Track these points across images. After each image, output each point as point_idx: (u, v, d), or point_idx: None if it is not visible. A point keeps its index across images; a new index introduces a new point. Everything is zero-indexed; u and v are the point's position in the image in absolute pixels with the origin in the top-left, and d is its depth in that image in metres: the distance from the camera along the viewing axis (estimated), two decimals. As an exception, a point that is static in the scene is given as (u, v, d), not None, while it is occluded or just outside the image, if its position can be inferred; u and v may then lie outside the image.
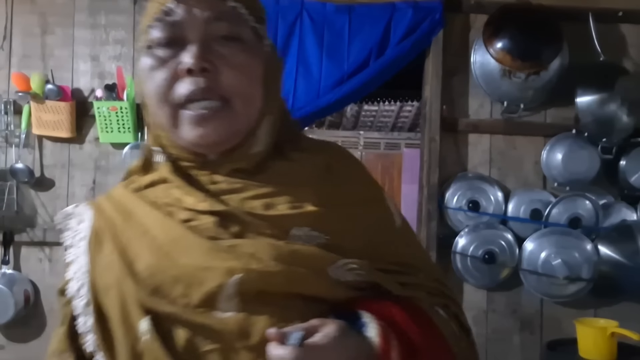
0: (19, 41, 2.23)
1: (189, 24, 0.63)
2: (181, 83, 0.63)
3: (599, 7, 2.16)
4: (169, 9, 0.63)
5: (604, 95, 2.09)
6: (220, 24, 0.64)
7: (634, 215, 2.15)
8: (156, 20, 0.64)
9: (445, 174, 2.19)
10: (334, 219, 0.67)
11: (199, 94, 0.63)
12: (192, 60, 0.62)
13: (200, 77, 0.62)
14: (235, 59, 0.64)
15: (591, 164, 2.12)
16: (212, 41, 0.64)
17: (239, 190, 0.67)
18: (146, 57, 0.66)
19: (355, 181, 0.74)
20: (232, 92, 0.64)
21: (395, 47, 2.10)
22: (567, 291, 2.11)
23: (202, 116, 0.63)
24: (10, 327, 2.17)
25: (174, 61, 0.64)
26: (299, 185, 0.68)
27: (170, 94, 0.64)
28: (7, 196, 2.16)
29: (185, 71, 0.63)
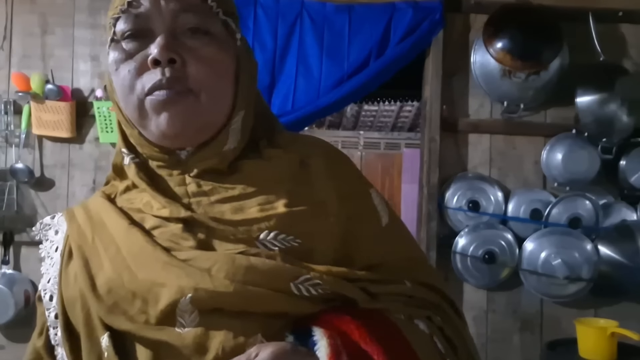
0: (19, 41, 2.23)
1: (155, 15, 0.61)
2: (147, 75, 0.62)
3: (599, 7, 2.16)
4: (134, 0, 0.62)
5: (604, 95, 2.09)
6: (188, 16, 0.62)
7: (634, 215, 2.15)
8: (121, 11, 0.63)
9: (445, 174, 2.19)
10: (305, 220, 0.64)
11: (165, 84, 0.61)
12: (158, 50, 0.60)
13: (167, 67, 0.60)
14: (203, 52, 0.62)
15: (591, 164, 2.12)
16: (180, 33, 0.62)
17: (208, 193, 0.64)
18: (112, 51, 0.65)
19: (333, 177, 0.69)
20: (200, 85, 0.62)
21: (395, 47, 2.10)
22: (567, 291, 2.11)
23: (167, 99, 0.61)
24: (10, 327, 2.17)
25: (140, 54, 0.62)
26: (272, 185, 0.65)
27: (136, 86, 0.62)
28: (7, 196, 2.16)
29: (151, 62, 0.61)
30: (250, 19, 2.11)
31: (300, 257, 0.61)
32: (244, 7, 2.11)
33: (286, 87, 2.09)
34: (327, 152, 0.73)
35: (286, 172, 0.67)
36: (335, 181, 0.69)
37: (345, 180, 0.70)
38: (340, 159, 0.74)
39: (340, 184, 0.69)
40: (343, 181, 0.70)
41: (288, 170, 0.67)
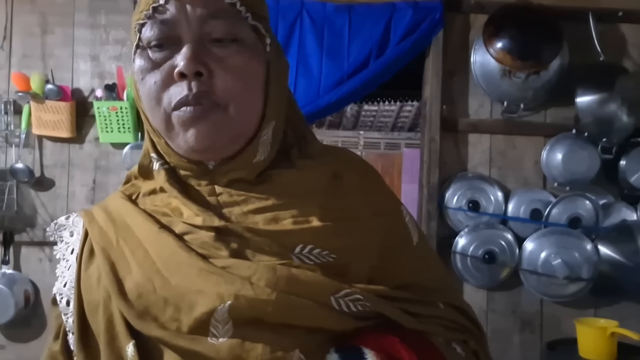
0: (19, 41, 2.23)
1: (181, 22, 0.58)
2: (174, 87, 0.58)
3: (599, 7, 2.16)
4: (159, 5, 0.58)
5: (604, 95, 2.09)
6: (216, 22, 0.58)
7: (634, 215, 2.15)
8: (146, 17, 0.59)
9: (445, 174, 2.19)
10: (341, 236, 0.62)
11: (191, 100, 0.58)
12: (184, 62, 0.57)
13: (194, 81, 0.57)
14: (232, 61, 0.59)
15: (591, 164, 2.12)
16: (208, 41, 0.59)
17: (240, 203, 0.62)
18: (138, 58, 0.61)
19: (367, 192, 0.67)
20: (228, 97, 0.59)
21: (395, 47, 2.10)
22: (567, 291, 2.11)
23: (194, 116, 0.58)
24: (10, 327, 2.17)
25: (167, 64, 0.59)
26: (304, 197, 0.63)
27: (163, 98, 0.59)
28: (7, 196, 2.16)
29: (177, 75, 0.58)
30: (250, 19, 2.11)
31: (336, 273, 0.59)
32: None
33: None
34: (360, 166, 0.71)
35: (319, 184, 0.65)
36: (370, 197, 0.67)
37: (379, 197, 0.69)
38: (374, 175, 0.72)
39: (374, 200, 0.67)
40: (377, 197, 0.68)
41: (321, 182, 0.65)
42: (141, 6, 0.60)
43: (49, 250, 2.22)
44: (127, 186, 0.72)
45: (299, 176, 0.65)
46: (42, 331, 2.20)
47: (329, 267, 0.59)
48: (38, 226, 2.22)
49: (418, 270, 0.67)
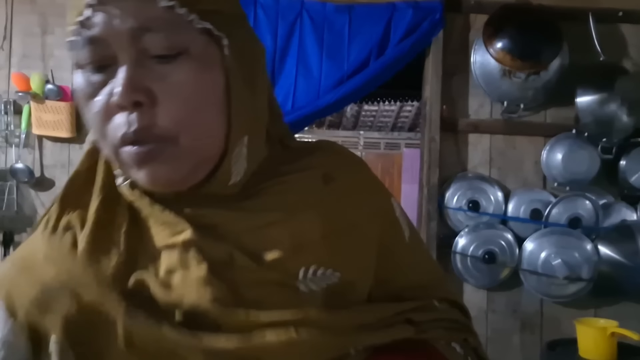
0: (19, 41, 2.23)
1: (112, 39, 0.48)
2: (117, 118, 0.49)
3: (599, 7, 2.16)
4: (86, 19, 0.48)
5: (604, 95, 2.09)
6: (152, 35, 0.47)
7: (634, 215, 2.15)
8: (74, 34, 0.49)
9: (445, 174, 2.19)
10: (343, 249, 0.57)
11: (132, 137, 0.48)
12: (119, 92, 0.47)
13: (135, 112, 0.48)
14: (176, 80, 0.49)
15: (591, 164, 2.12)
16: (148, 59, 0.48)
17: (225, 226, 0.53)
18: (77, 78, 0.52)
19: (360, 190, 0.62)
20: (176, 127, 0.49)
21: (395, 47, 2.10)
22: (567, 291, 2.11)
23: (143, 156, 0.49)
24: (10, 327, 2.16)
25: (106, 89, 0.49)
26: (298, 209, 0.56)
27: (107, 133, 0.50)
28: (7, 196, 2.16)
29: (114, 107, 0.48)
30: (251, 19, 2.11)
31: (342, 293, 0.56)
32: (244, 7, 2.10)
33: (286, 87, 2.09)
34: (350, 162, 0.64)
35: (311, 191, 0.58)
36: (363, 196, 0.62)
37: (372, 194, 0.63)
38: (364, 169, 0.65)
39: (368, 198, 0.62)
40: (370, 195, 0.63)
41: (312, 188, 0.58)
42: (67, 20, 0.50)
43: (49, 250, 2.22)
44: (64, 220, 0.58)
45: (288, 184, 0.57)
46: (42, 331, 2.20)
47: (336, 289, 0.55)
48: (38, 226, 2.22)
49: (412, 267, 0.65)
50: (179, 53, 0.49)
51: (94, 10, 0.47)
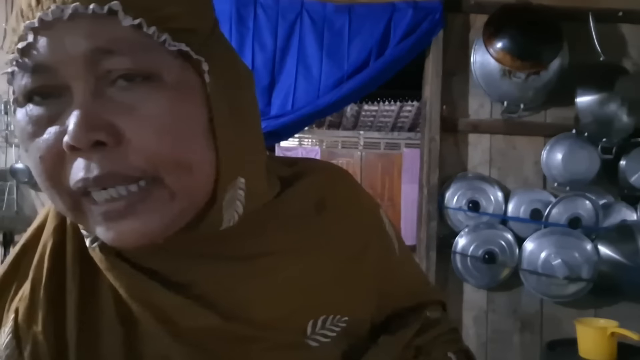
0: (19, 41, 2.23)
1: (63, 66, 0.38)
2: (69, 165, 0.39)
3: (599, 7, 2.16)
4: (27, 46, 0.38)
5: (604, 95, 2.09)
6: (115, 59, 0.38)
7: (634, 215, 2.15)
8: (14, 64, 0.39)
9: (445, 174, 2.19)
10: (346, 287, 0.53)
11: (97, 183, 0.39)
12: (73, 132, 0.37)
13: (94, 155, 0.38)
14: (149, 110, 0.39)
15: (591, 164, 2.12)
16: (109, 88, 0.39)
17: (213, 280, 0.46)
18: (17, 114, 0.41)
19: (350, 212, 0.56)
20: (154, 165, 0.39)
21: (395, 47, 2.10)
22: (567, 291, 2.11)
23: (112, 212, 0.40)
24: (10, 327, 2.16)
25: (54, 128, 0.39)
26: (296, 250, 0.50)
27: (60, 181, 0.40)
28: (7, 196, 2.16)
29: (68, 148, 0.38)
30: (250, 19, 2.11)
31: (351, 333, 0.53)
32: (244, 7, 2.11)
33: (286, 87, 2.09)
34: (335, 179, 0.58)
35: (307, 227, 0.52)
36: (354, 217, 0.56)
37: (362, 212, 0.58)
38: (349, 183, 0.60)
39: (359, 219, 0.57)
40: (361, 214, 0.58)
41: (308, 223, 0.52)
42: (5, 47, 0.42)
43: (49, 250, 2.22)
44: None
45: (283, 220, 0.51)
46: (42, 331, 2.20)
47: (344, 334, 0.52)
48: (38, 226, 2.22)
49: (404, 278, 0.62)
50: (149, 79, 0.39)
51: (37, 35, 0.38)
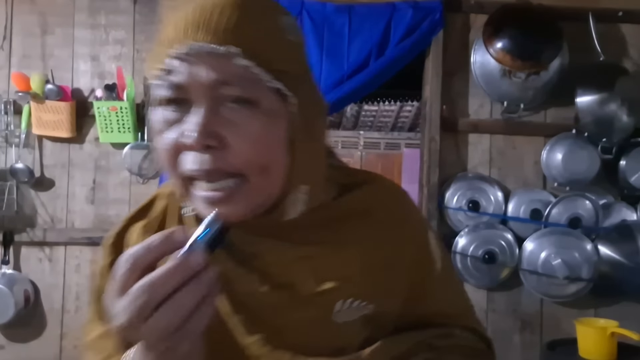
0: (19, 41, 2.23)
1: (192, 87, 0.53)
2: (185, 155, 0.55)
3: (599, 7, 2.16)
4: (171, 68, 0.53)
5: (604, 95, 2.09)
6: (229, 88, 0.53)
7: (634, 215, 2.15)
8: (158, 78, 0.55)
9: (445, 174, 2.19)
10: (377, 282, 0.63)
11: (204, 176, 0.54)
12: (194, 135, 0.52)
13: (206, 153, 0.53)
14: (246, 128, 0.53)
15: (591, 164, 2.12)
16: (221, 105, 0.53)
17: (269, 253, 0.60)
18: (155, 112, 0.57)
19: (396, 225, 0.67)
20: (246, 167, 0.54)
21: (395, 47, 2.10)
22: (567, 291, 2.11)
23: (215, 198, 0.54)
24: (10, 327, 2.16)
25: (179, 126, 0.54)
26: (339, 243, 0.62)
27: (177, 165, 0.55)
28: (7, 196, 2.16)
29: (186, 147, 0.54)
30: (250, 19, 2.11)
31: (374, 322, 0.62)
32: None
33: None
34: (389, 195, 0.70)
35: (352, 228, 0.63)
36: (398, 231, 0.67)
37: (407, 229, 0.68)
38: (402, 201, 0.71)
39: (403, 233, 0.67)
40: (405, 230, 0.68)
41: (354, 225, 0.63)
42: (153, 61, 0.56)
43: (48, 250, 2.22)
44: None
45: (333, 220, 0.63)
46: (41, 331, 2.20)
47: (368, 318, 0.62)
48: (38, 226, 2.22)
49: (440, 298, 0.69)
50: (250, 104, 0.53)
51: (179, 61, 0.53)
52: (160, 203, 0.67)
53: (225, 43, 0.52)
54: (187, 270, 0.45)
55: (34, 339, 2.20)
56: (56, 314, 2.21)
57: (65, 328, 2.20)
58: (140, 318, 0.44)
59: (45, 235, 2.20)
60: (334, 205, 0.64)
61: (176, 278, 0.45)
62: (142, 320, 0.44)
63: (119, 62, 2.21)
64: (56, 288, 2.21)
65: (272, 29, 0.55)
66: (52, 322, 2.21)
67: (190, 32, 0.52)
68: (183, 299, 0.44)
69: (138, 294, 0.44)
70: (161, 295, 0.44)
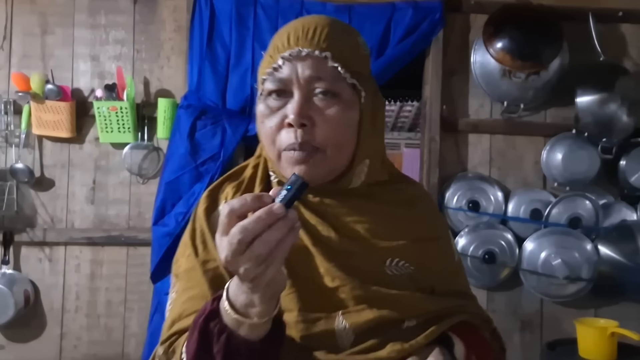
0: (19, 41, 2.23)
1: (293, 80, 0.73)
2: (285, 132, 0.73)
3: (599, 7, 2.16)
4: (278, 66, 0.73)
5: (604, 95, 2.09)
6: (321, 82, 0.73)
7: (634, 215, 2.15)
8: (268, 74, 0.74)
9: (445, 174, 2.19)
10: (418, 252, 0.79)
11: (297, 147, 0.73)
12: (293, 116, 0.71)
13: (300, 130, 0.72)
14: (330, 113, 0.73)
15: (591, 164, 2.12)
16: (313, 96, 0.73)
17: (345, 214, 0.78)
18: (261, 104, 0.76)
19: (432, 219, 0.87)
20: (326, 143, 0.73)
21: (395, 47, 2.10)
22: (567, 291, 2.11)
23: (300, 159, 0.73)
24: (10, 327, 2.16)
25: (280, 111, 0.74)
26: (390, 216, 0.80)
27: (276, 141, 0.74)
28: (7, 196, 2.16)
29: (287, 124, 0.73)
30: (250, 19, 2.11)
31: (414, 282, 0.78)
32: (244, 7, 2.11)
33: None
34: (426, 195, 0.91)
35: (400, 208, 0.82)
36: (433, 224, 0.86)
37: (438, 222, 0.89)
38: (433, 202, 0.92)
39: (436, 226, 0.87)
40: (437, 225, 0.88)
41: (401, 207, 0.82)
42: (264, 64, 0.76)
43: (48, 250, 2.22)
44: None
45: (387, 199, 0.82)
46: (42, 331, 2.20)
47: (410, 276, 0.78)
48: (38, 226, 2.22)
49: (459, 281, 0.89)
50: (334, 95, 0.73)
51: (285, 61, 0.73)
52: (248, 171, 0.84)
53: (320, 50, 0.72)
54: (272, 216, 0.57)
55: (34, 339, 2.20)
56: (56, 314, 2.21)
57: (65, 328, 2.20)
58: (237, 252, 0.57)
59: (45, 235, 2.20)
60: (386, 188, 0.83)
61: (263, 222, 0.57)
62: (239, 253, 0.57)
63: (119, 62, 2.21)
64: (56, 288, 2.21)
65: (352, 42, 0.77)
66: (52, 322, 2.21)
67: (294, 41, 0.73)
68: (269, 236, 0.57)
69: (235, 234, 0.57)
70: (252, 234, 0.57)
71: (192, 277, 0.77)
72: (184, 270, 0.79)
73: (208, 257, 0.78)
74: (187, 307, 0.75)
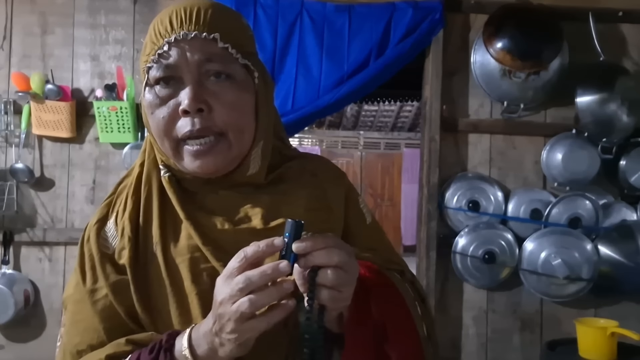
0: (19, 41, 2.23)
1: (183, 65, 0.68)
2: (180, 121, 0.69)
3: (599, 7, 2.16)
4: (164, 52, 0.68)
5: (604, 95, 2.09)
6: (212, 64, 0.69)
7: (634, 215, 2.15)
8: (152, 61, 0.69)
9: (445, 174, 2.19)
10: (318, 220, 0.77)
11: (195, 133, 0.69)
12: (188, 101, 0.67)
13: (196, 116, 0.68)
14: (226, 96, 0.70)
15: (591, 164, 2.12)
16: (206, 80, 0.69)
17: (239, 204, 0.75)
18: (147, 94, 0.71)
19: (336, 185, 0.85)
20: (226, 127, 0.70)
21: (395, 47, 2.10)
22: (567, 291, 2.11)
23: (200, 151, 0.70)
24: (10, 327, 2.17)
25: (172, 101, 0.69)
26: (293, 191, 0.78)
27: (171, 132, 0.70)
28: (7, 196, 2.16)
29: (182, 112, 0.68)
30: (250, 19, 2.11)
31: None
32: (244, 7, 2.11)
33: (286, 87, 2.09)
34: (328, 164, 0.89)
35: (302, 181, 0.80)
36: (336, 189, 0.84)
37: (344, 188, 0.86)
38: (338, 170, 0.89)
39: (339, 190, 0.85)
40: (343, 188, 0.86)
41: (303, 179, 0.81)
42: (147, 50, 0.70)
43: (48, 250, 2.22)
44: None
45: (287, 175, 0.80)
46: (42, 331, 2.20)
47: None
48: (38, 226, 2.22)
49: (369, 241, 0.85)
50: (227, 76, 0.70)
51: (171, 46, 0.68)
52: (136, 170, 0.81)
53: (208, 31, 0.68)
54: (277, 273, 0.58)
55: (33, 338, 2.20)
56: (56, 314, 2.21)
57: (65, 328, 2.20)
58: (233, 299, 0.58)
59: (45, 235, 2.20)
60: (284, 169, 0.80)
61: (268, 277, 0.58)
62: (232, 301, 0.58)
63: (119, 62, 2.21)
64: (56, 288, 2.21)
65: (239, 23, 0.74)
66: (52, 322, 2.21)
67: (178, 25, 0.68)
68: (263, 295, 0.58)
69: (238, 282, 0.58)
70: (254, 286, 0.57)
71: (82, 310, 0.74)
72: (72, 301, 0.77)
73: (96, 285, 0.75)
74: (79, 341, 0.72)
